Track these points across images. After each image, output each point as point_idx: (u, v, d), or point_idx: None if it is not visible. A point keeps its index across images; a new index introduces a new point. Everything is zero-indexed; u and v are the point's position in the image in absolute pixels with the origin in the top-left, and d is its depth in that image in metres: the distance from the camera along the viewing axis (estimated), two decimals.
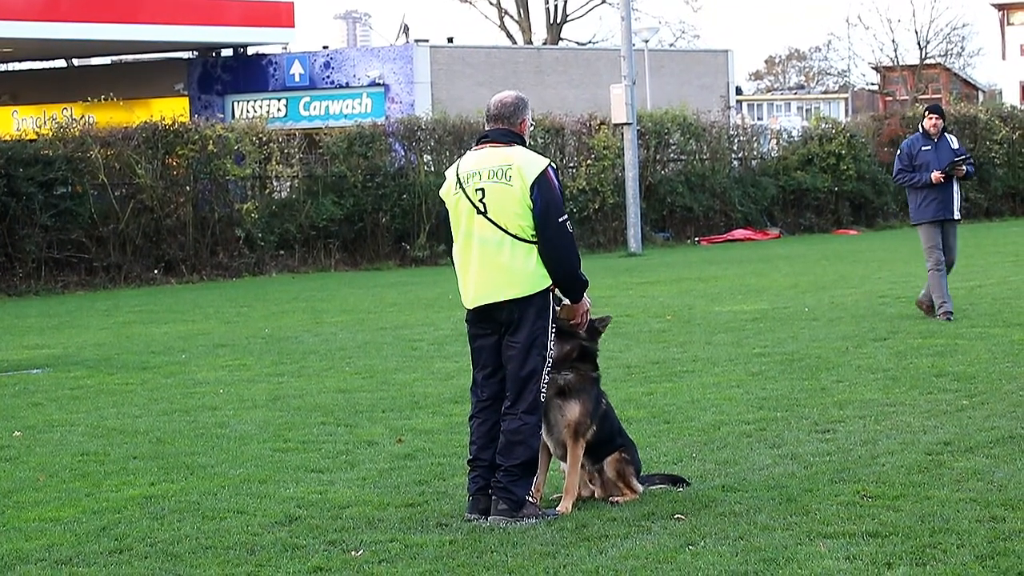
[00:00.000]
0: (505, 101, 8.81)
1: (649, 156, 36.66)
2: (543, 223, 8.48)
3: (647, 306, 20.43)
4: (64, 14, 37.71)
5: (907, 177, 17.07)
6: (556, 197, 8.53)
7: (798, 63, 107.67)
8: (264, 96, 41.99)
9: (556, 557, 7.72)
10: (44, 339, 19.57)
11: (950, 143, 17.19)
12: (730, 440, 10.52)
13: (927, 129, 17.13)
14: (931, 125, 17.11)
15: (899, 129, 40.82)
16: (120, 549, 8.20)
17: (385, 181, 32.75)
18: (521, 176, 8.51)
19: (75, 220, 29.09)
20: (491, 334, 8.67)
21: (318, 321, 20.42)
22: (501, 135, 8.71)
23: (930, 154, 16.99)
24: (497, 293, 8.56)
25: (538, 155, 8.69)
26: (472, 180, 8.62)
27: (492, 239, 8.55)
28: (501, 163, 8.58)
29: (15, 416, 13.04)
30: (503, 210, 8.53)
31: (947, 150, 17.08)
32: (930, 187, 16.94)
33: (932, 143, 17.08)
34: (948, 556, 7.38)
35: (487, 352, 8.70)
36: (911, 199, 17.26)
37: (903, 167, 17.13)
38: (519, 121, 8.76)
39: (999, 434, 10.26)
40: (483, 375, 8.74)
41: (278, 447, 11.05)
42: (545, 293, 8.58)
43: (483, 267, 8.59)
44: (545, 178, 8.53)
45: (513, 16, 69.22)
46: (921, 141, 17.14)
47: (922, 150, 17.05)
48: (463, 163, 8.74)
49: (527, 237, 8.52)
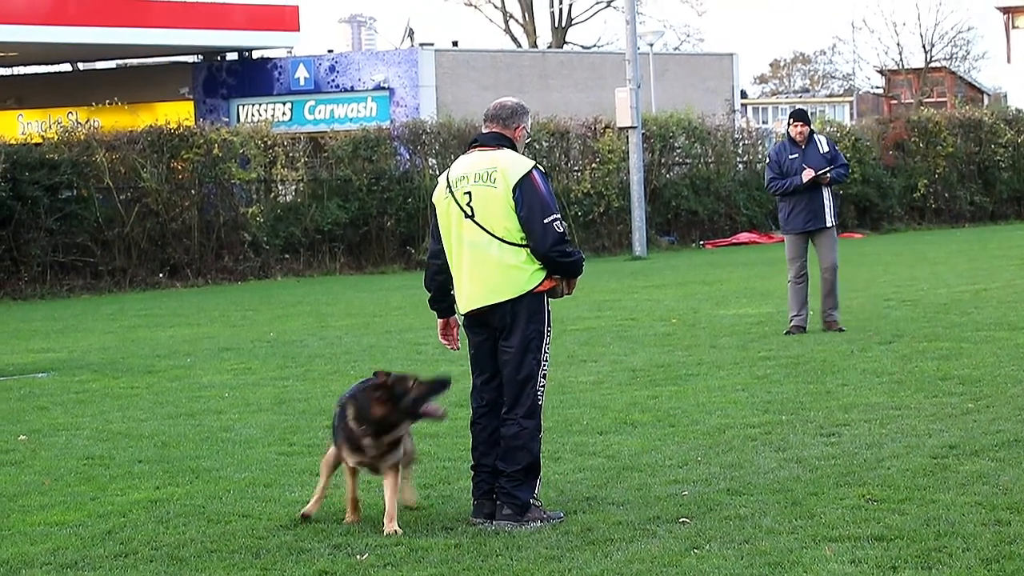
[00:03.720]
0: (505, 104, 8.82)
1: (654, 160, 36.64)
2: (528, 225, 8.46)
3: (652, 309, 20.43)
4: (69, 18, 37.77)
5: (779, 184, 16.75)
6: (542, 198, 8.48)
7: (803, 66, 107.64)
8: (269, 100, 42.03)
9: (561, 561, 7.72)
10: (49, 343, 19.59)
11: (819, 146, 16.84)
12: (735, 444, 10.52)
13: (793, 136, 16.88)
14: (796, 133, 16.85)
15: (904, 133, 40.82)
16: (125, 553, 8.21)
17: (390, 185, 32.77)
18: (505, 179, 8.50)
19: (80, 224, 29.11)
20: (486, 339, 8.66)
21: (323, 325, 20.43)
22: (491, 138, 8.70)
23: (797, 161, 16.68)
24: (487, 297, 8.55)
25: (524, 158, 8.66)
26: (460, 184, 8.62)
27: (480, 242, 8.54)
28: (487, 166, 8.57)
29: (20, 420, 13.05)
30: (489, 213, 8.51)
31: (815, 155, 16.76)
32: (801, 193, 16.62)
33: (799, 150, 16.78)
34: (953, 560, 7.38)
35: (484, 357, 8.70)
36: (781, 208, 16.99)
37: (774, 175, 16.86)
38: (515, 125, 8.75)
39: (1004, 437, 10.25)
40: (481, 380, 8.74)
41: (283, 451, 11.06)
42: (537, 296, 8.57)
43: (473, 271, 8.58)
44: (529, 180, 8.50)
45: (518, 20, 69.27)
46: (788, 148, 16.85)
47: (789, 157, 16.76)
48: (454, 167, 8.76)
49: (515, 240, 8.50)
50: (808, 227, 16.73)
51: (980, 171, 41.87)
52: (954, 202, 41.29)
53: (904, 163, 40.81)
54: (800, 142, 16.84)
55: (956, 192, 41.24)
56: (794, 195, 16.68)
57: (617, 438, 10.93)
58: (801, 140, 16.84)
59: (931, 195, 40.82)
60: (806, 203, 16.67)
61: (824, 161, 16.73)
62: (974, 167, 41.76)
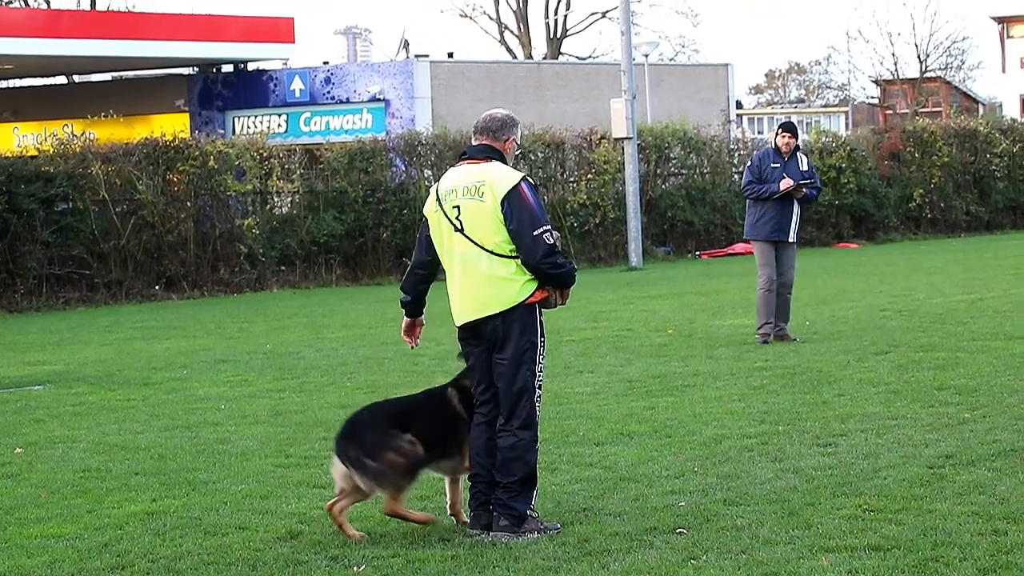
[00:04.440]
0: (495, 116, 8.82)
1: (650, 170, 36.67)
2: (518, 238, 8.46)
3: (648, 320, 20.44)
4: (65, 31, 37.79)
5: (756, 188, 16.98)
6: (531, 211, 8.47)
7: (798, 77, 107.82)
8: (265, 112, 42.03)
9: (558, 572, 7.72)
10: (45, 355, 19.58)
11: (799, 164, 17.08)
12: (732, 454, 10.52)
13: (779, 146, 17.07)
14: (783, 143, 17.03)
15: (900, 143, 40.87)
16: (122, 565, 8.21)
17: (386, 196, 32.77)
18: (493, 192, 8.50)
19: (76, 236, 29.10)
20: (481, 351, 8.66)
21: (319, 336, 20.42)
22: (479, 151, 8.70)
23: (778, 171, 16.92)
24: (480, 309, 8.55)
25: (512, 170, 8.65)
26: (449, 197, 8.62)
27: (471, 256, 8.54)
28: (475, 180, 8.57)
29: (17, 432, 13.04)
30: (478, 227, 8.52)
31: (796, 170, 17.00)
32: (772, 202, 16.84)
33: (782, 160, 17.01)
34: (950, 570, 7.38)
35: (479, 368, 8.69)
36: (749, 214, 17.21)
37: (752, 179, 17.07)
38: (504, 138, 8.74)
39: (1001, 447, 10.26)
40: (478, 391, 8.73)
41: (280, 463, 11.05)
42: (530, 307, 8.56)
43: (464, 284, 8.59)
44: (517, 193, 8.49)
45: (513, 31, 69.38)
46: (772, 157, 17.08)
47: (771, 165, 17.00)
48: (443, 181, 8.76)
49: (505, 252, 8.49)
50: (772, 237, 17.02)
51: (976, 181, 41.92)
52: (950, 212, 41.34)
53: (900, 173, 40.85)
54: (785, 153, 17.06)
55: (952, 202, 41.28)
56: (766, 203, 16.95)
57: (614, 449, 10.93)
58: (787, 151, 17.06)
59: (927, 205, 40.87)
60: (775, 214, 16.97)
61: (802, 177, 16.98)
62: (970, 177, 41.81)
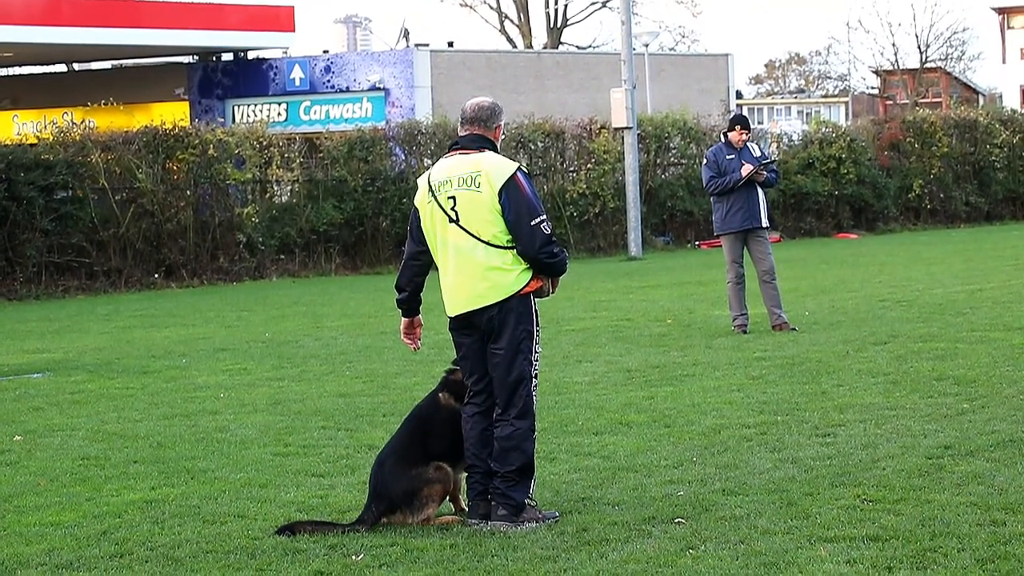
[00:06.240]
0: (482, 105, 8.81)
1: (649, 160, 36.66)
2: (516, 228, 8.44)
3: (647, 310, 20.44)
4: (64, 18, 37.74)
5: (720, 182, 17.34)
6: (527, 201, 8.46)
7: (798, 67, 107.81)
8: (264, 100, 42.02)
9: (557, 561, 7.72)
10: (45, 343, 19.58)
11: (752, 151, 17.56)
12: (731, 444, 10.52)
13: (732, 141, 17.50)
14: (737, 139, 17.47)
15: (900, 133, 40.86)
16: (121, 553, 8.20)
17: (386, 185, 32.76)
18: (490, 182, 8.48)
19: (76, 224, 29.11)
20: (474, 341, 8.64)
21: (318, 325, 20.42)
22: (471, 141, 8.69)
23: (735, 161, 17.33)
24: (475, 300, 8.53)
25: (507, 160, 8.63)
26: (443, 188, 8.60)
27: (466, 247, 8.52)
28: (470, 170, 8.55)
29: (16, 420, 13.04)
30: (474, 217, 8.50)
31: (750, 157, 17.42)
32: (737, 193, 17.23)
33: (736, 152, 17.45)
34: (949, 560, 7.38)
35: (473, 359, 8.68)
36: (717, 209, 17.58)
37: (713, 175, 17.43)
38: (495, 126, 8.75)
39: (1000, 438, 10.25)
40: (471, 381, 8.72)
41: (279, 451, 11.05)
42: (525, 297, 8.55)
43: (459, 275, 8.57)
44: (514, 183, 8.48)
45: (513, 20, 69.27)
46: (725, 151, 17.49)
47: (727, 158, 17.41)
48: (434, 171, 8.73)
49: (502, 243, 8.48)
50: (745, 225, 17.37)
51: (975, 171, 41.93)
52: (949, 202, 41.34)
53: (899, 164, 40.85)
54: (737, 145, 17.49)
55: (952, 192, 41.29)
56: (732, 194, 17.32)
57: (612, 439, 10.93)
58: (739, 144, 17.51)
59: (926, 196, 40.87)
60: (743, 202, 17.35)
61: (758, 163, 17.41)
62: (969, 167, 41.82)
